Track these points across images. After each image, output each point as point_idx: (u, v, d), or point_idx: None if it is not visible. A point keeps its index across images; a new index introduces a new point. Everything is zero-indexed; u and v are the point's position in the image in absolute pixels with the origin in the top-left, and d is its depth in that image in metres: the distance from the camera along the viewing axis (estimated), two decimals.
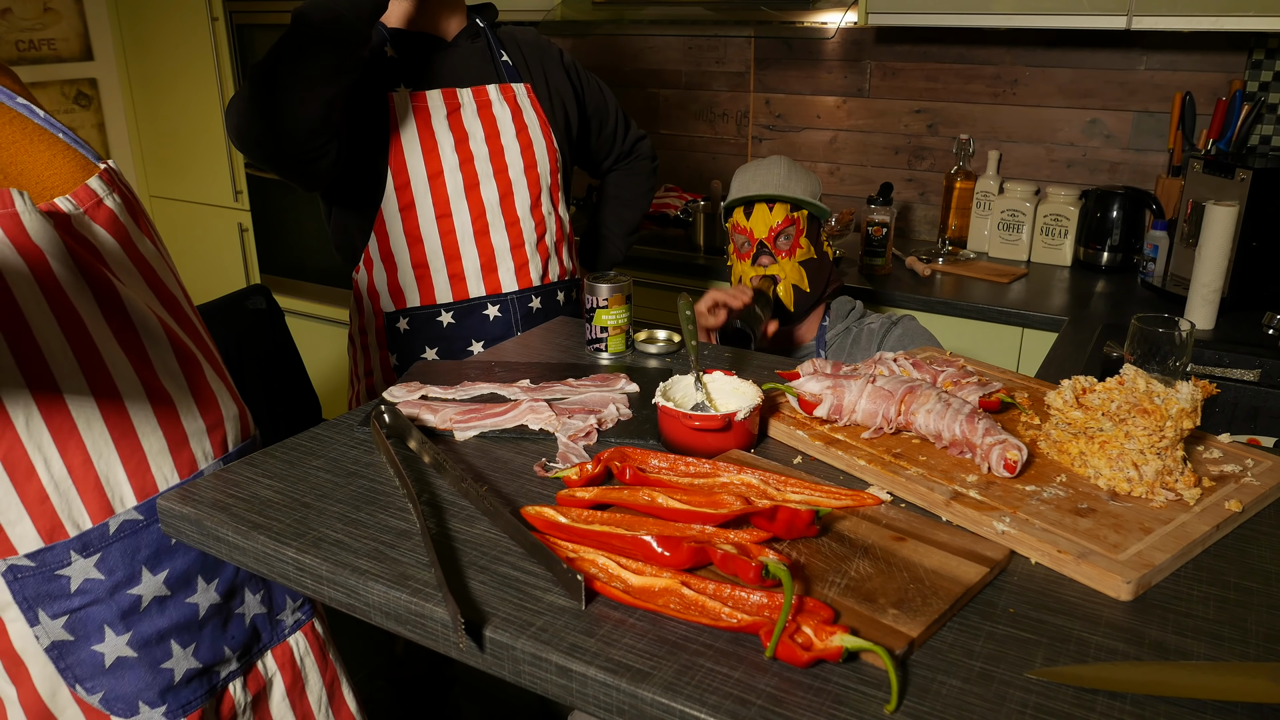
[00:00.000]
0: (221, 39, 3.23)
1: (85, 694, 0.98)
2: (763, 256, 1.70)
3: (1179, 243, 2.19)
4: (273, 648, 1.13)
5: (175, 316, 1.03)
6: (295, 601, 1.16)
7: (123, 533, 0.97)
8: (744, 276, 1.72)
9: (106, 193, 0.99)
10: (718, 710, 0.66)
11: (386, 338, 1.69)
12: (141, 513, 0.98)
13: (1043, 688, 0.69)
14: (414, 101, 1.57)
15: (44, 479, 0.92)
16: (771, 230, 1.69)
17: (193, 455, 1.02)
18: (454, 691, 2.33)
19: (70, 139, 1.01)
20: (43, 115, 1.01)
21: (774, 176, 1.72)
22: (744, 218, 1.71)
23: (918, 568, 0.81)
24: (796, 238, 1.69)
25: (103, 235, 0.97)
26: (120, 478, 0.97)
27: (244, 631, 1.09)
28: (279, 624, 1.14)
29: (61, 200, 0.95)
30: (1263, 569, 0.84)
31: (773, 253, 1.69)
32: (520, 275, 1.70)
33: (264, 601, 1.11)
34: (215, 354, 1.09)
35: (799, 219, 1.69)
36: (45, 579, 0.94)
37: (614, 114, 1.89)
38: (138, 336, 0.96)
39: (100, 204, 0.98)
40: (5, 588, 0.93)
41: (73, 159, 1.00)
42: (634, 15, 2.99)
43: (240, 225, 3.47)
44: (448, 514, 0.93)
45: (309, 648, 1.17)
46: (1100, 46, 2.48)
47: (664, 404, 1.04)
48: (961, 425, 0.99)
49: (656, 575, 0.78)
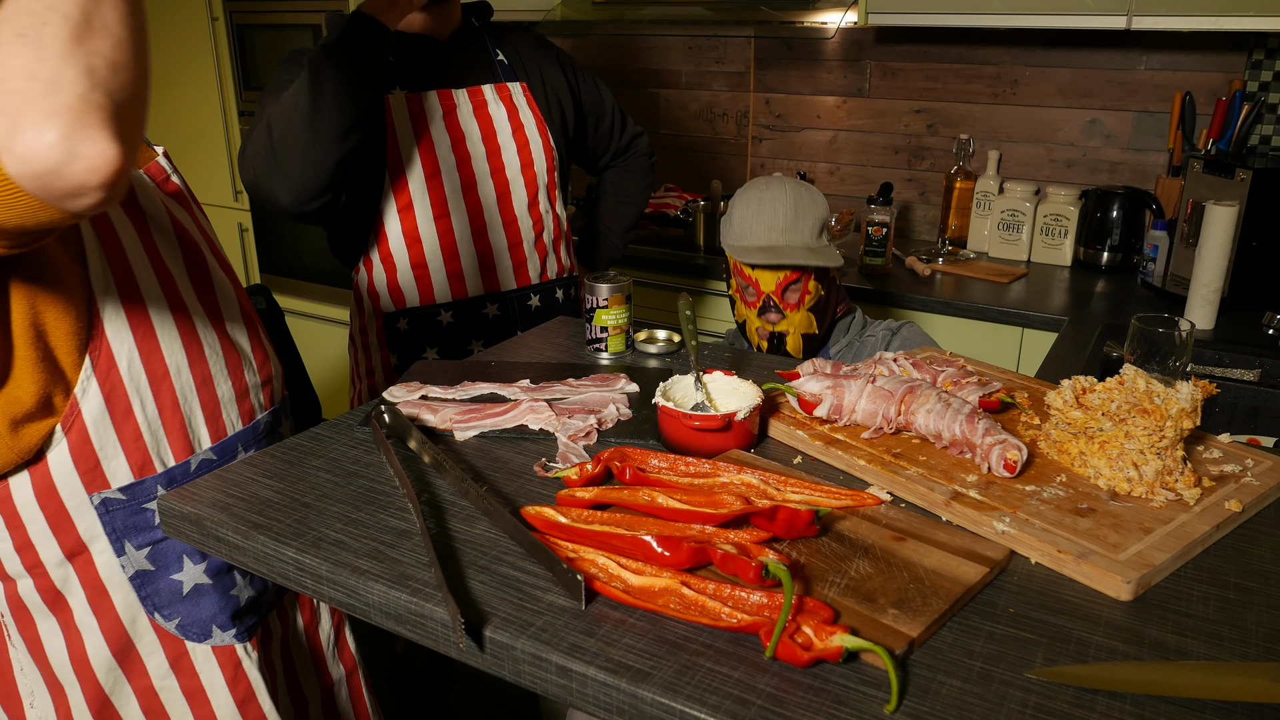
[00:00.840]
0: (221, 39, 3.23)
1: (163, 620, 1.06)
2: (770, 314, 1.58)
3: (1179, 243, 2.19)
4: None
5: (234, 281, 1.14)
6: None
7: (201, 470, 1.06)
8: (749, 320, 1.61)
9: (172, 170, 1.10)
10: (718, 710, 0.66)
11: (387, 338, 1.69)
12: (215, 453, 1.08)
13: (1043, 688, 0.69)
14: (410, 103, 1.57)
15: (139, 418, 1.00)
16: (779, 284, 1.56)
17: (252, 405, 1.13)
18: (453, 691, 2.33)
19: None
20: None
21: (779, 220, 1.55)
22: (748, 268, 1.57)
23: (918, 568, 0.81)
24: (805, 284, 1.55)
25: (175, 207, 1.07)
26: (200, 420, 1.06)
27: None
28: None
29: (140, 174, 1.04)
30: (1263, 569, 0.84)
31: (780, 308, 1.57)
32: (519, 273, 1.70)
33: None
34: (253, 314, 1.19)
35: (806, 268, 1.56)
36: (133, 511, 1.01)
37: (611, 111, 1.89)
38: (214, 295, 1.08)
39: (169, 179, 1.09)
40: (97, 520, 1.00)
41: None
42: (634, 15, 2.99)
43: (240, 225, 3.47)
44: (448, 514, 0.93)
45: None
46: (1100, 46, 2.48)
47: (664, 404, 1.04)
48: (961, 425, 0.99)
49: (656, 575, 0.78)
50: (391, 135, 1.56)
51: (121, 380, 0.98)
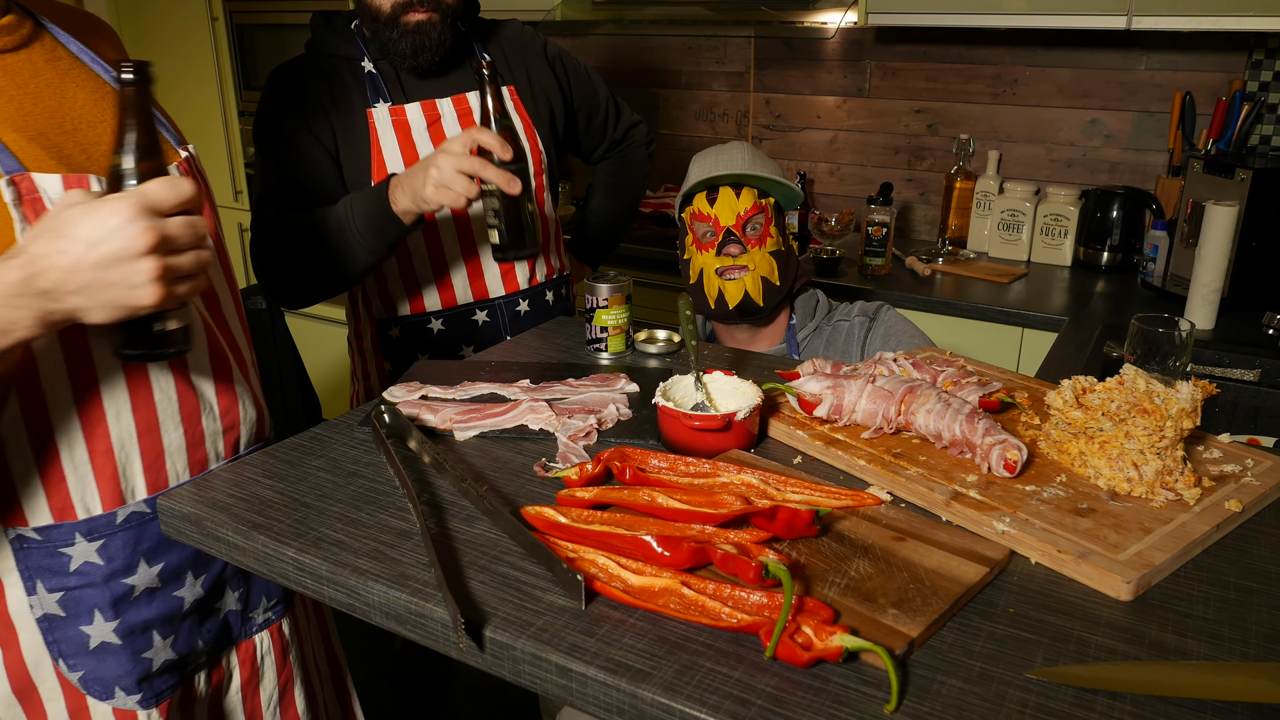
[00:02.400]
0: (221, 39, 3.23)
1: (67, 670, 1.00)
2: (730, 245, 1.57)
3: (1179, 243, 2.19)
4: (239, 643, 1.14)
5: (214, 316, 1.06)
6: (269, 601, 1.17)
7: (129, 523, 0.99)
8: (706, 269, 1.60)
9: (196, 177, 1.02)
10: (718, 710, 0.66)
11: (380, 344, 1.69)
12: (150, 506, 1.00)
13: (1043, 688, 0.69)
14: (394, 116, 1.56)
15: (65, 462, 0.94)
16: (739, 217, 1.56)
17: (206, 454, 1.04)
18: (452, 689, 2.33)
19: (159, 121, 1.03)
20: None
21: (738, 160, 1.60)
22: (707, 204, 1.58)
23: (918, 568, 0.81)
24: (766, 226, 1.58)
25: None
26: (137, 470, 0.99)
27: (218, 626, 1.10)
28: (249, 621, 1.15)
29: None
30: (1263, 569, 0.84)
31: (741, 241, 1.57)
32: (506, 280, 1.70)
33: (241, 599, 1.12)
34: (246, 354, 1.11)
35: (767, 206, 1.59)
36: (48, 554, 0.96)
37: (604, 103, 1.86)
38: None
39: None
40: (10, 554, 0.96)
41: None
42: (634, 15, 2.99)
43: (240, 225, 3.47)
44: (448, 514, 0.93)
45: (271, 647, 1.18)
46: (1100, 46, 2.48)
47: (664, 404, 1.04)
48: (961, 425, 0.99)
49: (656, 575, 0.78)
50: (376, 148, 1.55)
51: (48, 417, 0.92)
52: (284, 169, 1.53)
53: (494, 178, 1.27)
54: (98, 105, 0.97)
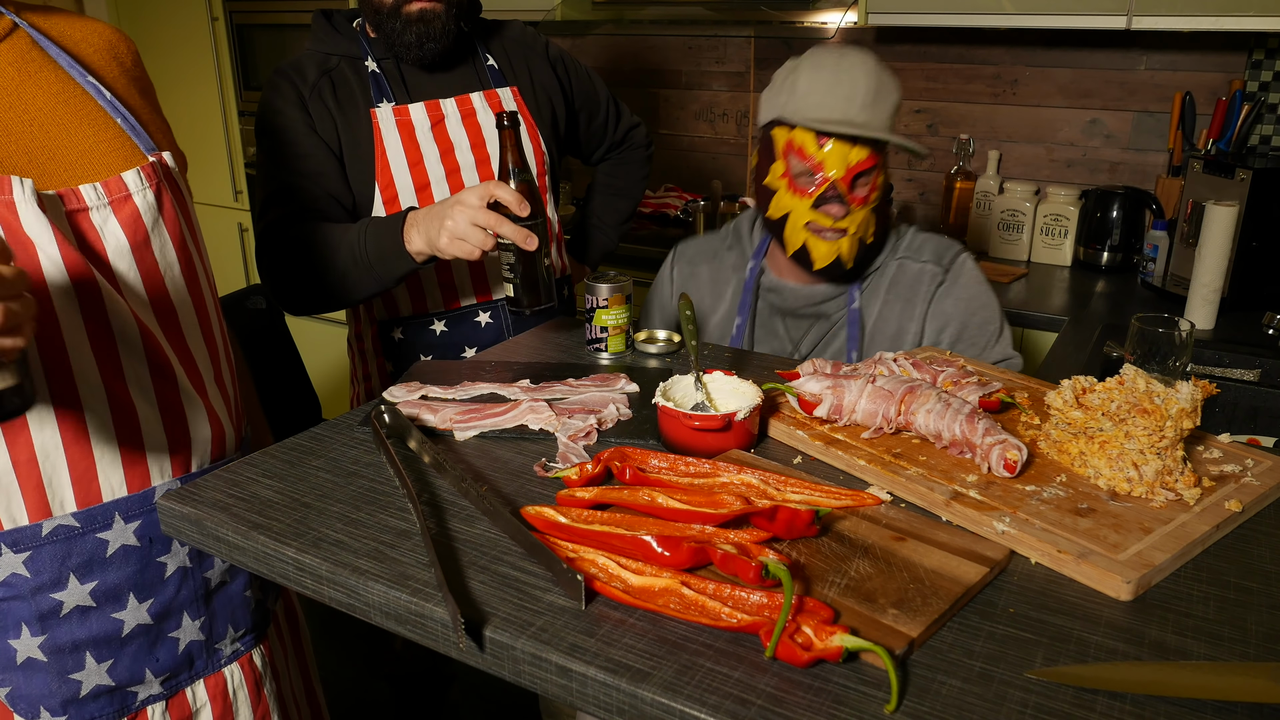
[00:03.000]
0: (221, 39, 3.23)
1: None
2: (832, 205, 1.33)
3: (1179, 243, 2.19)
4: (206, 677, 1.09)
5: (168, 330, 1.00)
6: (237, 631, 1.11)
7: (56, 536, 0.95)
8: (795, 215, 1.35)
9: (139, 188, 0.96)
10: (718, 710, 0.66)
11: (381, 345, 1.69)
12: (79, 520, 0.96)
13: (1043, 688, 0.69)
14: (398, 116, 1.56)
15: None
16: (849, 169, 1.30)
17: (147, 471, 0.99)
18: (452, 689, 2.33)
19: (128, 126, 1.00)
20: (109, 98, 0.99)
21: (858, 94, 1.31)
22: (814, 144, 1.31)
23: (918, 568, 0.81)
24: (876, 178, 1.32)
25: (115, 233, 0.95)
26: (64, 481, 0.94)
27: (174, 656, 1.05)
28: (216, 653, 1.09)
29: (87, 188, 0.93)
30: (1263, 569, 0.84)
31: (845, 200, 1.32)
32: None
33: (203, 629, 1.07)
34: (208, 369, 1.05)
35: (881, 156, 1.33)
36: None
37: (605, 104, 1.86)
38: (114, 345, 0.94)
39: (128, 199, 0.96)
40: None
41: (119, 147, 0.98)
42: (634, 15, 2.99)
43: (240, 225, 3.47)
44: (448, 514, 0.93)
45: (244, 680, 1.12)
46: (1100, 46, 2.48)
47: (664, 404, 1.04)
48: (961, 425, 0.99)
49: (656, 575, 0.78)
50: (380, 149, 1.55)
51: None
52: (288, 171, 1.52)
53: (510, 234, 1.25)
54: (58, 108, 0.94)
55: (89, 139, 0.97)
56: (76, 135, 0.96)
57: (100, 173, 0.96)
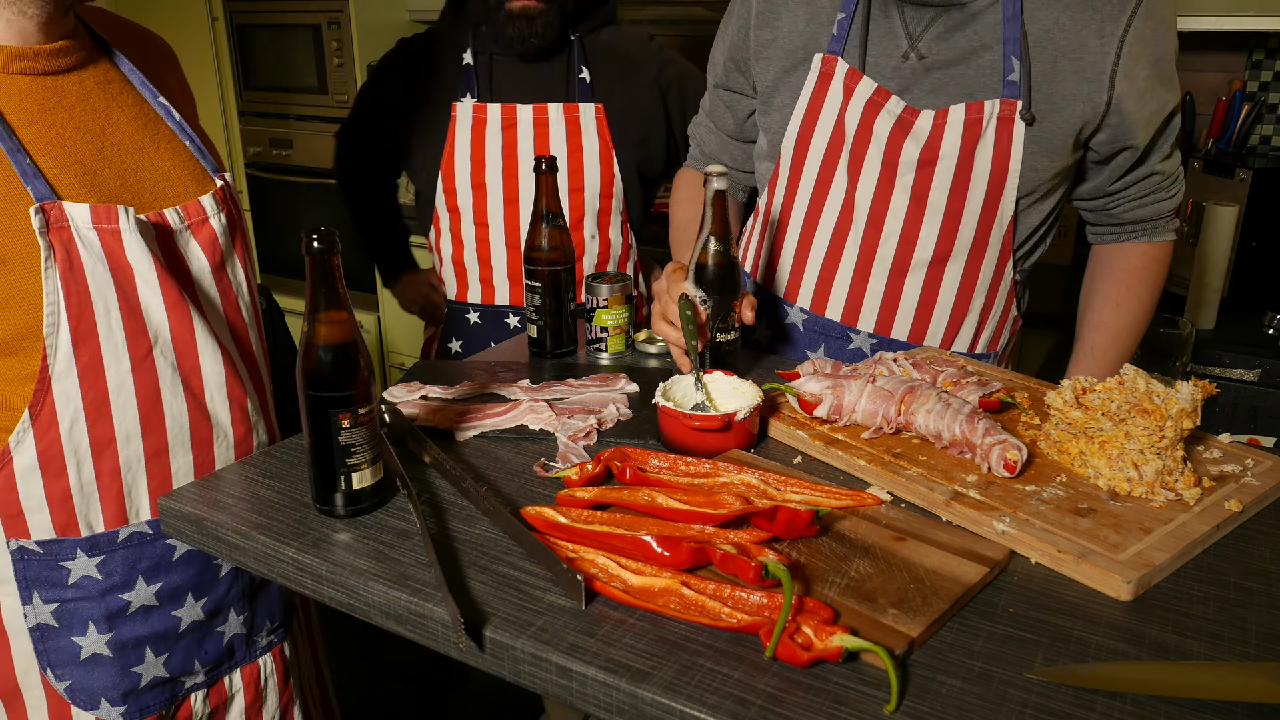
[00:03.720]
0: (221, 39, 3.23)
1: (54, 679, 1.01)
2: None
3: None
4: (243, 666, 1.15)
5: (240, 348, 1.07)
6: (273, 624, 1.17)
7: (130, 542, 1.00)
8: None
9: (214, 211, 1.02)
10: (718, 710, 0.66)
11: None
12: (153, 527, 1.01)
13: (1043, 688, 0.69)
14: (475, 113, 1.64)
15: (72, 479, 0.95)
16: None
17: None
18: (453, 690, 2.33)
19: (195, 148, 1.04)
20: (177, 119, 1.03)
21: None
22: None
23: (918, 568, 0.81)
24: None
25: (197, 255, 1.01)
26: (143, 493, 1.00)
27: (219, 648, 1.10)
28: (254, 644, 1.15)
29: (170, 212, 0.97)
30: (1263, 569, 0.84)
31: None
32: None
33: (245, 623, 1.13)
34: (266, 381, 1.14)
35: None
36: (48, 566, 0.97)
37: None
38: (198, 367, 1.00)
39: (205, 222, 1.01)
40: (10, 564, 0.96)
41: (191, 170, 1.03)
42: (634, 15, 2.99)
43: None
44: (448, 514, 0.93)
45: (274, 669, 1.18)
46: None
47: (664, 404, 1.04)
48: (961, 425, 0.99)
49: (656, 575, 0.78)
50: (451, 140, 1.66)
51: (59, 440, 0.93)
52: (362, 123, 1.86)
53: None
54: (139, 132, 0.98)
55: (167, 162, 1.01)
56: (156, 159, 1.00)
57: (178, 195, 1.00)
